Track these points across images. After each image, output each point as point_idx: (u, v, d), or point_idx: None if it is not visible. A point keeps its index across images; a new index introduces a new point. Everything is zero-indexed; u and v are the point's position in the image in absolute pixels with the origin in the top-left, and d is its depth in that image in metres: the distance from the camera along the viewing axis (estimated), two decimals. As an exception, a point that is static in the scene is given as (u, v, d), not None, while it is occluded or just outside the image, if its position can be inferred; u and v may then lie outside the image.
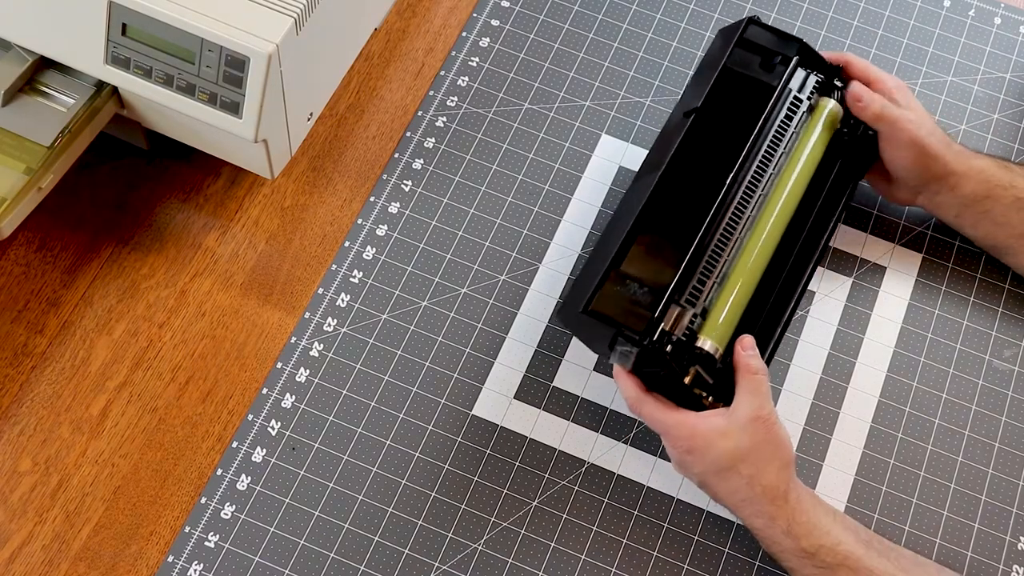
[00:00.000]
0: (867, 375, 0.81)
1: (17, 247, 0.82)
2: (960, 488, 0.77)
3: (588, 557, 0.74)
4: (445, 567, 0.73)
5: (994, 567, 0.75)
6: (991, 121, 0.91)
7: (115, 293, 0.80)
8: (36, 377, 0.77)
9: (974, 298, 0.84)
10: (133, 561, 0.73)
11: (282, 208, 0.85)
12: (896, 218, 0.87)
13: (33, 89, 0.76)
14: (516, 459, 0.76)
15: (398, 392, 0.78)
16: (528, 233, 0.84)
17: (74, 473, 0.75)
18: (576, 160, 0.87)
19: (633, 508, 0.76)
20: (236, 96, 0.72)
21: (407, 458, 0.76)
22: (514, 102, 0.90)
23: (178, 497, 0.74)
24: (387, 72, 0.91)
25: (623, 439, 0.78)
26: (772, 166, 0.76)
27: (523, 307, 0.82)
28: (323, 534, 0.74)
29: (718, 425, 0.69)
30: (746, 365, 0.70)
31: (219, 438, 0.76)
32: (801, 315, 0.82)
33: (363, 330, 0.80)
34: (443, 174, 0.86)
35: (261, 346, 0.80)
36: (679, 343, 0.70)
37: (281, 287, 0.82)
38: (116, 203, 0.84)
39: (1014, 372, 0.82)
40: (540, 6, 0.94)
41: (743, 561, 0.75)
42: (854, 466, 0.78)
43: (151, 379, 0.78)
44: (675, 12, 0.94)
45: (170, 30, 0.70)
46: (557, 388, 0.79)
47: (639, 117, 0.89)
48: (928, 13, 0.96)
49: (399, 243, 0.83)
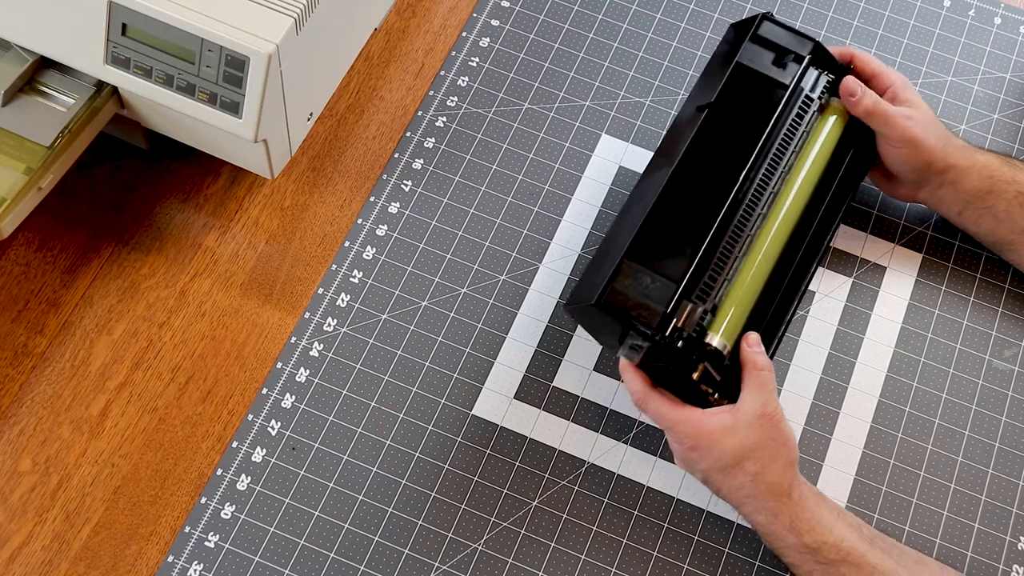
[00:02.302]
0: (867, 375, 0.81)
1: (17, 247, 0.82)
2: (960, 488, 0.77)
3: (588, 557, 0.74)
4: (445, 567, 0.73)
5: (994, 567, 0.75)
6: (991, 121, 0.91)
7: (115, 293, 0.80)
8: (36, 377, 0.77)
9: (974, 298, 0.84)
10: (133, 561, 0.72)
11: (282, 208, 0.85)
12: (896, 218, 0.87)
13: (33, 89, 0.76)
14: (516, 459, 0.76)
15: (398, 392, 0.78)
16: (528, 233, 0.84)
17: (74, 473, 0.75)
18: (576, 160, 0.87)
19: (633, 508, 0.76)
20: (236, 96, 0.72)
21: (407, 458, 0.76)
22: (514, 102, 0.90)
23: (178, 497, 0.74)
24: (387, 72, 0.91)
25: (623, 439, 0.78)
26: (783, 165, 0.76)
27: (523, 307, 0.82)
28: (323, 534, 0.74)
29: (724, 422, 0.69)
30: (752, 361, 0.70)
31: (219, 438, 0.76)
32: (801, 315, 0.82)
33: (363, 330, 0.80)
34: (443, 174, 0.86)
35: (261, 346, 0.79)
36: (689, 339, 0.70)
37: (281, 287, 0.82)
38: (116, 203, 0.84)
39: (1014, 372, 0.82)
40: (540, 6, 0.94)
41: (743, 561, 0.75)
42: (854, 466, 0.78)
43: (151, 379, 0.78)
44: (675, 12, 0.94)
45: (170, 30, 0.70)
46: (557, 388, 0.79)
47: (639, 117, 0.89)
48: (928, 13, 0.96)
49: (399, 243, 0.83)
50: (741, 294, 0.73)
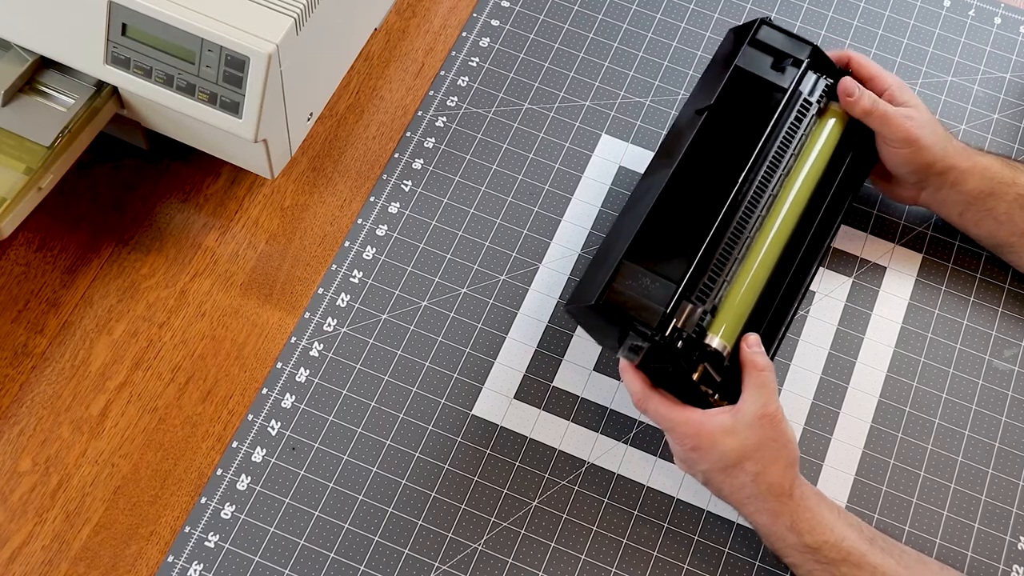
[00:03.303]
0: (867, 375, 0.81)
1: (17, 247, 0.82)
2: (960, 488, 0.77)
3: (588, 557, 0.74)
4: (445, 567, 0.73)
5: (994, 567, 0.75)
6: (991, 121, 0.91)
7: (115, 293, 0.80)
8: (36, 377, 0.77)
9: (974, 298, 0.84)
10: (133, 561, 0.72)
11: (282, 208, 0.85)
12: (896, 218, 0.87)
13: (33, 89, 0.76)
14: (516, 459, 0.76)
15: (398, 392, 0.78)
16: (528, 233, 0.84)
17: (74, 473, 0.75)
18: (576, 160, 0.88)
19: (633, 508, 0.76)
20: (236, 96, 0.72)
21: (407, 458, 0.76)
22: (514, 102, 0.90)
23: (178, 497, 0.74)
24: (387, 72, 0.91)
25: (623, 439, 0.78)
26: (782, 167, 0.76)
27: (523, 307, 0.82)
28: (323, 534, 0.74)
29: (724, 423, 0.69)
30: (752, 362, 0.70)
31: (219, 438, 0.76)
32: (801, 315, 0.82)
33: (363, 330, 0.80)
34: (443, 174, 0.86)
35: (261, 346, 0.79)
36: (689, 340, 0.70)
37: (281, 287, 0.82)
38: (116, 203, 0.84)
39: (1014, 372, 0.82)
40: (540, 6, 0.94)
41: (743, 561, 0.75)
42: (854, 466, 0.78)
43: (151, 379, 0.78)
44: (675, 12, 0.94)
45: (170, 30, 0.70)
46: (557, 388, 0.79)
47: (639, 117, 0.89)
48: (928, 13, 0.96)
49: (399, 243, 0.83)
50: (741, 295, 0.73)
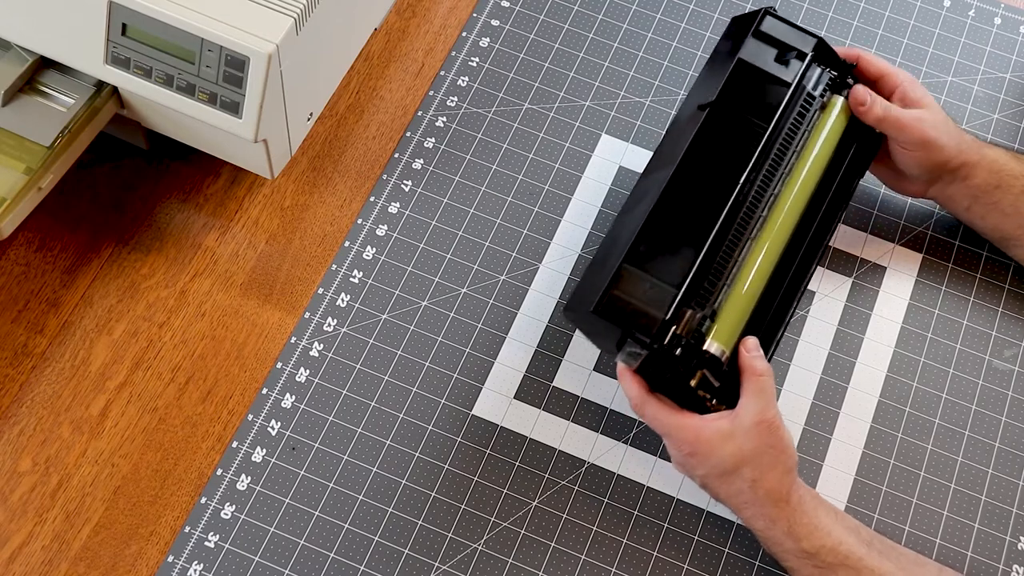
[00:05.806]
0: (867, 375, 0.81)
1: (17, 247, 0.82)
2: (960, 488, 0.77)
3: (588, 557, 0.74)
4: (445, 567, 0.73)
5: (994, 567, 0.75)
6: (991, 121, 0.91)
7: (115, 293, 0.80)
8: (36, 377, 0.77)
9: (974, 298, 0.84)
10: (133, 561, 0.73)
11: (282, 208, 0.85)
12: (896, 218, 0.87)
13: (33, 89, 0.76)
14: (516, 459, 0.76)
15: (398, 392, 0.78)
16: (528, 233, 0.84)
17: (74, 473, 0.75)
18: (576, 160, 0.87)
19: (633, 508, 0.76)
20: (236, 96, 0.72)
21: (407, 458, 0.76)
22: (514, 102, 0.90)
23: (178, 497, 0.74)
24: (387, 72, 0.91)
25: (623, 439, 0.78)
26: (783, 167, 0.75)
27: (523, 307, 0.82)
28: (323, 534, 0.74)
29: (722, 428, 0.68)
30: (751, 367, 0.70)
31: (219, 438, 0.76)
32: (801, 315, 0.82)
33: (363, 330, 0.80)
34: (443, 174, 0.86)
35: (261, 346, 0.79)
36: (688, 346, 0.69)
37: (281, 287, 0.82)
38: (116, 203, 0.84)
39: (1014, 372, 0.82)
40: (540, 6, 0.94)
41: (743, 561, 0.75)
42: (854, 466, 0.78)
43: (151, 379, 0.78)
44: (675, 12, 0.94)
45: (170, 30, 0.70)
46: (557, 388, 0.79)
47: (639, 117, 0.89)
48: (928, 13, 0.96)
49: (399, 243, 0.83)
50: (740, 298, 0.72)
